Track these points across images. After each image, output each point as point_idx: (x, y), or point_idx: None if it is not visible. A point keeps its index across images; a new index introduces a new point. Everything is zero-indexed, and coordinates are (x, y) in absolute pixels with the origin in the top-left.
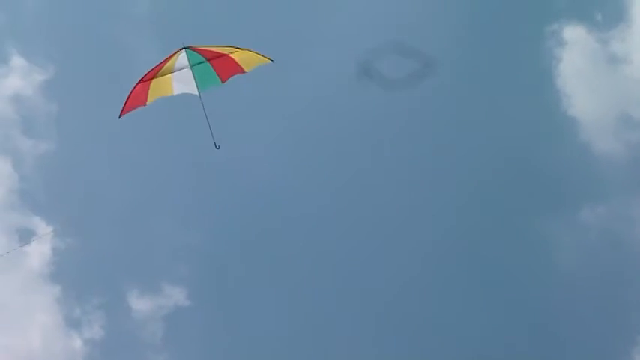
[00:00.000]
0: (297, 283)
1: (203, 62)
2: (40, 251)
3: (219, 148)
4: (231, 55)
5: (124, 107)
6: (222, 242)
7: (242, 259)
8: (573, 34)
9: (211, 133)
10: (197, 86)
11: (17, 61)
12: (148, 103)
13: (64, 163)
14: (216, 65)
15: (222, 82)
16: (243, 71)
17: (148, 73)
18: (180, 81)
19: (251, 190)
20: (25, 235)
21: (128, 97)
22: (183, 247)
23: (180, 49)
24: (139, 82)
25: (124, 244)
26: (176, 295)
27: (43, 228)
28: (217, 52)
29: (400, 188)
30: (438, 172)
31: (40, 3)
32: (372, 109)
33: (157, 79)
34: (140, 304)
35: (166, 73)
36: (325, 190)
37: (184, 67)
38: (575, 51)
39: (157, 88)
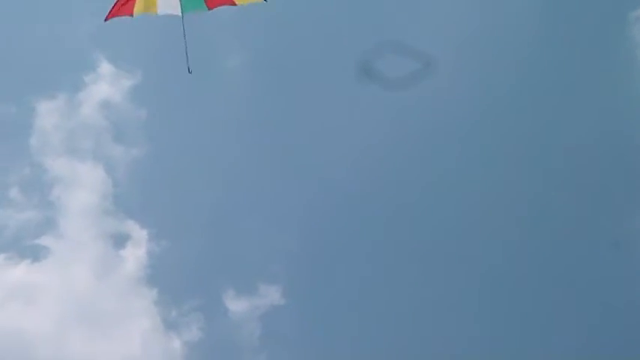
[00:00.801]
0: (392, 280)
1: None
2: (135, 255)
3: (191, 72)
4: None
5: (109, 12)
6: (315, 241)
7: (336, 258)
8: None
9: (187, 56)
10: (181, 6)
11: (105, 67)
12: (134, 14)
13: (156, 167)
14: None
15: (209, 9)
16: (233, 3)
17: None
18: (166, 1)
19: (343, 189)
20: (120, 240)
21: (114, 5)
22: (278, 246)
23: None
24: None
25: (218, 246)
26: (272, 295)
27: (138, 232)
28: None
29: (488, 185)
30: (526, 168)
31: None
32: (458, 102)
33: None
34: (236, 305)
35: None
36: (418, 187)
37: None
38: None
39: (144, 2)
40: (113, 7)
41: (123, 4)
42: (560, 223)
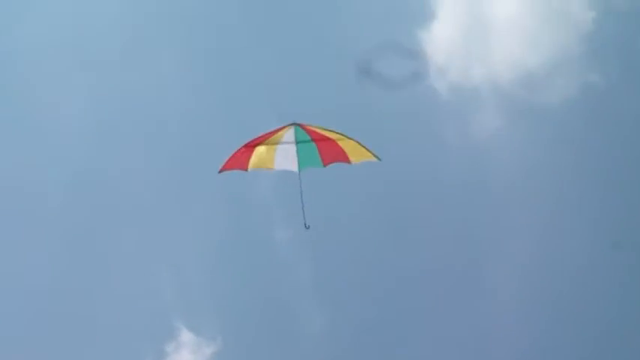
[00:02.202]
0: None
1: (309, 142)
2: None
3: (308, 227)
4: (339, 142)
5: (225, 164)
6: None
7: None
8: None
9: (303, 212)
10: (298, 163)
11: (186, 336)
12: (249, 169)
13: None
14: (320, 147)
15: (324, 166)
16: (348, 161)
17: (253, 139)
18: (283, 155)
19: None
20: None
21: (230, 157)
22: None
23: (290, 125)
24: (244, 145)
25: None
26: None
27: None
28: (324, 135)
29: None
30: None
31: (203, 270)
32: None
33: (261, 147)
34: None
35: (271, 144)
36: None
37: (290, 142)
38: None
39: (260, 157)
40: (229, 160)
41: (239, 157)
42: None
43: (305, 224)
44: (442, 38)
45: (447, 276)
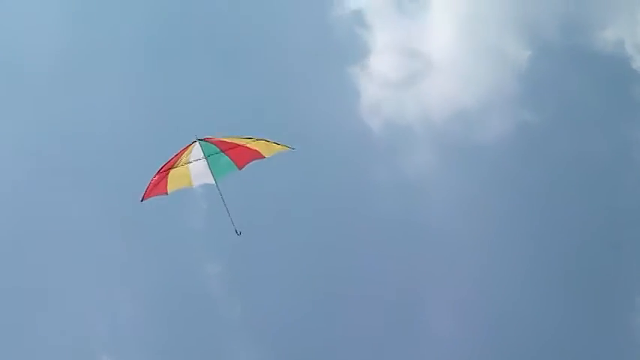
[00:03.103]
0: None
1: (218, 153)
2: None
3: (240, 234)
4: (248, 145)
5: (145, 193)
6: None
7: None
8: None
9: (231, 220)
10: (213, 176)
11: None
12: (169, 192)
13: None
14: (231, 155)
15: (239, 169)
16: (262, 157)
17: (164, 165)
18: (197, 172)
19: None
20: None
21: (148, 186)
22: None
23: (194, 142)
24: (157, 173)
25: None
26: None
27: None
28: (232, 143)
29: None
30: None
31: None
32: None
33: (174, 169)
34: None
35: (182, 164)
36: None
37: (199, 159)
38: None
39: (176, 179)
40: (148, 188)
41: (156, 184)
42: None
43: (236, 231)
44: (376, 74)
45: (382, 305)
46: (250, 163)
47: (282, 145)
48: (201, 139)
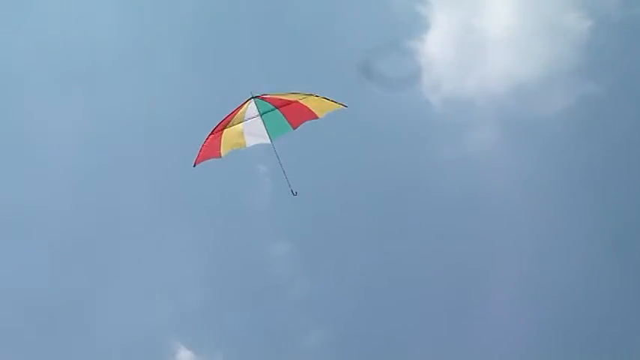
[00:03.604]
0: None
1: (273, 110)
2: None
3: (296, 194)
4: (301, 102)
5: (197, 157)
6: None
7: None
8: None
9: (287, 181)
10: (268, 135)
11: (183, 354)
12: (222, 155)
13: None
14: (286, 112)
15: (294, 129)
16: (316, 117)
17: (219, 124)
18: (252, 132)
19: None
20: None
21: (201, 148)
22: None
23: (249, 99)
24: (211, 133)
25: None
26: None
27: None
28: (286, 100)
29: None
30: None
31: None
32: None
33: (228, 129)
34: None
35: (237, 123)
36: None
37: (254, 117)
38: None
39: (230, 140)
40: (201, 151)
41: (209, 146)
42: None
43: (292, 191)
44: (436, 50)
45: (446, 283)
46: (305, 124)
47: (333, 102)
48: (256, 97)
